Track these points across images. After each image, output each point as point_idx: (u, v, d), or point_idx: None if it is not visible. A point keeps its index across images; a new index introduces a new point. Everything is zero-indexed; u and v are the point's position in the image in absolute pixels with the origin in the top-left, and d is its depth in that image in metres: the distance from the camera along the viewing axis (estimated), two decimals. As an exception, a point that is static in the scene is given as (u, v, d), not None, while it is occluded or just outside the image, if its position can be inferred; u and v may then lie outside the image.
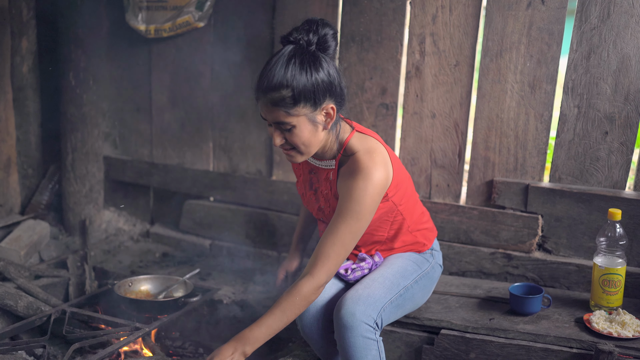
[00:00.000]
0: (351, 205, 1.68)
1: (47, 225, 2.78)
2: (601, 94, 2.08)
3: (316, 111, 1.66)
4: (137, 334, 1.96)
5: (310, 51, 1.64)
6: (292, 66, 1.61)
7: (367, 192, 1.68)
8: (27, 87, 2.82)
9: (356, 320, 1.68)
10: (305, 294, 1.66)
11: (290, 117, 1.64)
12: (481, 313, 1.98)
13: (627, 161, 2.10)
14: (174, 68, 2.79)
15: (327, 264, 1.68)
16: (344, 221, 1.68)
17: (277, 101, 1.63)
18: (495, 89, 2.20)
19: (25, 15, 2.75)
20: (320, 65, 1.64)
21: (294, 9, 2.48)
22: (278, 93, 1.62)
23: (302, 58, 1.62)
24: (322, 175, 1.85)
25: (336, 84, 1.68)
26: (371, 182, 1.68)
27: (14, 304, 2.11)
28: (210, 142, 2.78)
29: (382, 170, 1.70)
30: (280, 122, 1.66)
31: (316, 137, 1.70)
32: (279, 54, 1.64)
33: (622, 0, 1.99)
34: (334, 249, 1.68)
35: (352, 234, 1.69)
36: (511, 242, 2.23)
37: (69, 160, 2.83)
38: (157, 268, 2.58)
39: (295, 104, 1.63)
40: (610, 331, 1.79)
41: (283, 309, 1.66)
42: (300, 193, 2.00)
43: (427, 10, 2.24)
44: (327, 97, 1.67)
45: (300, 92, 1.61)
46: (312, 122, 1.67)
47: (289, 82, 1.61)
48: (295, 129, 1.66)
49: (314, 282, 1.67)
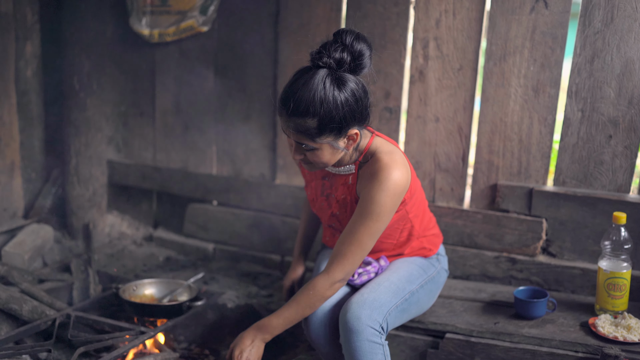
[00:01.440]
0: (371, 206, 1.68)
1: (50, 229, 2.78)
2: (605, 97, 2.08)
3: (340, 139, 1.65)
4: (142, 337, 1.96)
5: (340, 75, 1.58)
6: (321, 93, 1.55)
7: (388, 192, 1.67)
8: (31, 91, 2.83)
9: (362, 324, 1.68)
10: (319, 289, 1.71)
11: (313, 143, 1.63)
12: (486, 317, 1.97)
13: (631, 165, 2.10)
14: (178, 72, 2.79)
15: (343, 262, 1.71)
16: (363, 221, 1.69)
17: (301, 128, 1.60)
18: (498, 92, 2.21)
19: (29, 20, 2.76)
20: (348, 91, 1.58)
21: (298, 12, 2.48)
22: (303, 121, 1.58)
23: (332, 85, 1.56)
24: (338, 181, 1.84)
25: (362, 107, 1.63)
26: (392, 182, 1.67)
27: (18, 308, 2.11)
28: (214, 146, 2.79)
29: (402, 171, 1.70)
30: (302, 143, 1.65)
31: (335, 157, 1.70)
32: (309, 76, 1.57)
33: (626, 5, 2.00)
34: (350, 249, 1.70)
35: (369, 235, 1.70)
36: (515, 245, 2.23)
37: (72, 164, 2.83)
38: (161, 272, 2.58)
39: (320, 134, 1.60)
40: (616, 335, 1.79)
41: (299, 302, 1.73)
42: (310, 199, 1.99)
43: (430, 15, 2.25)
44: (352, 124, 1.63)
45: (326, 124, 1.58)
46: (334, 147, 1.66)
47: (316, 112, 1.56)
48: (317, 151, 1.65)
49: (329, 279, 1.71)
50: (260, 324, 1.74)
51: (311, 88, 1.56)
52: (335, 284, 1.73)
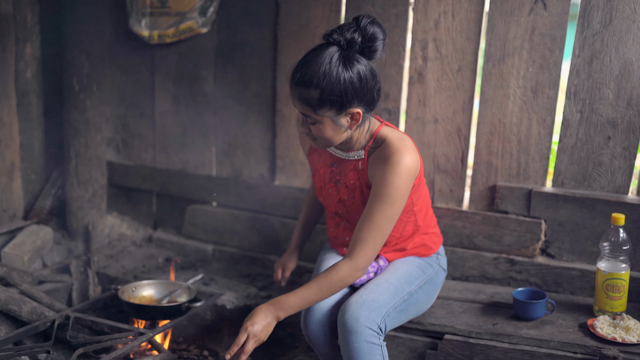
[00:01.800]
0: (385, 190, 1.70)
1: (50, 231, 2.78)
2: (603, 99, 2.08)
3: (341, 115, 1.69)
4: (141, 339, 1.97)
5: (349, 54, 1.64)
6: (326, 68, 1.62)
7: (400, 175, 1.70)
8: (30, 93, 2.83)
9: (360, 325, 1.69)
10: (343, 275, 1.72)
11: (314, 114, 1.69)
12: (485, 318, 1.98)
13: (630, 166, 2.10)
14: (177, 73, 2.79)
15: (365, 248, 1.72)
16: (379, 206, 1.71)
17: (304, 98, 1.67)
18: (497, 94, 2.21)
19: (29, 21, 2.76)
20: (352, 69, 1.63)
21: (297, 14, 2.49)
22: (306, 91, 1.65)
23: (339, 61, 1.63)
24: (348, 167, 1.86)
25: (368, 89, 1.67)
26: (404, 165, 1.70)
27: (17, 309, 2.11)
28: (213, 147, 2.79)
29: (413, 155, 1.73)
30: (306, 114, 1.71)
31: (339, 135, 1.74)
32: (318, 50, 1.65)
33: (624, 6, 2.00)
34: (370, 234, 1.71)
35: (387, 219, 1.72)
36: (514, 247, 2.23)
37: (72, 166, 2.84)
38: (160, 273, 2.58)
39: (320, 106, 1.66)
40: (614, 336, 1.79)
41: (320, 285, 1.72)
42: (317, 187, 1.99)
43: (429, 16, 2.25)
44: (354, 103, 1.68)
45: (327, 97, 1.64)
46: (335, 124, 1.71)
47: (318, 84, 1.63)
48: (319, 124, 1.71)
49: (353, 265, 1.71)
50: (277, 300, 1.73)
51: (317, 61, 1.63)
52: (359, 271, 1.73)
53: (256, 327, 1.69)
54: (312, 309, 1.83)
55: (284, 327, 2.26)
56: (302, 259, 2.58)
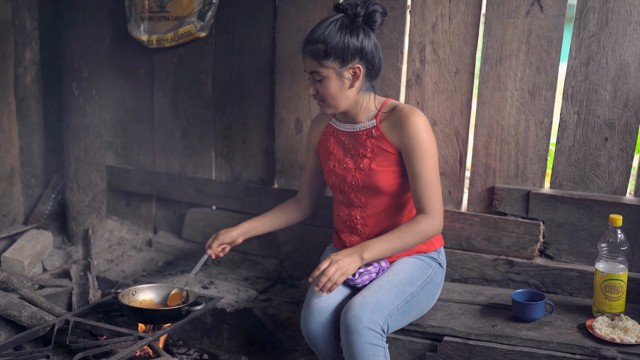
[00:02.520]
0: (419, 146, 1.88)
1: (50, 235, 2.79)
2: (600, 100, 2.09)
3: (343, 68, 1.87)
4: (141, 342, 1.97)
5: (354, 21, 1.87)
6: (332, 27, 1.86)
7: (425, 130, 1.89)
8: (30, 98, 2.84)
9: (363, 326, 1.70)
10: (423, 227, 1.87)
11: (320, 67, 1.87)
12: (484, 320, 1.98)
13: (627, 167, 2.11)
14: (176, 78, 2.80)
15: (432, 202, 1.88)
16: (422, 162, 1.88)
17: (312, 52, 1.87)
18: (495, 96, 2.22)
19: (28, 27, 2.78)
20: (356, 33, 1.86)
21: (295, 17, 2.50)
22: (314, 46, 1.86)
23: (342, 23, 1.86)
24: (361, 137, 1.98)
25: (368, 50, 1.88)
26: (424, 121, 1.89)
27: (17, 314, 2.12)
28: (212, 151, 2.80)
29: (423, 115, 1.92)
30: (313, 71, 1.89)
31: (343, 92, 1.90)
32: (328, 17, 1.89)
33: (620, 8, 2.01)
34: (430, 189, 1.88)
35: (434, 170, 1.90)
36: (513, 248, 2.24)
37: (71, 170, 2.84)
38: (160, 277, 2.59)
39: (326, 57, 1.85)
40: (613, 337, 1.80)
41: (401, 234, 1.86)
42: (328, 168, 2.05)
43: (426, 19, 2.26)
44: (356, 59, 1.87)
45: (332, 48, 1.84)
46: (339, 77, 1.88)
47: (324, 39, 1.85)
48: (325, 80, 1.88)
49: (429, 219, 1.87)
50: (364, 243, 1.86)
51: (326, 23, 1.88)
52: (436, 222, 1.88)
53: (339, 257, 1.81)
54: (312, 309, 1.84)
55: (283, 330, 2.26)
56: (302, 260, 2.59)
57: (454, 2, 2.21)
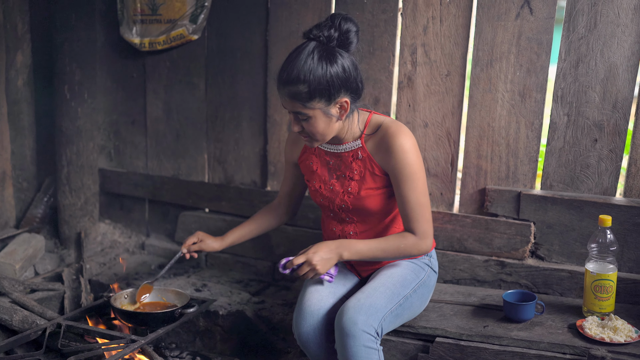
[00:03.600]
0: (405, 170, 1.81)
1: (42, 239, 2.78)
2: (590, 102, 2.11)
3: (330, 105, 1.76)
4: (133, 346, 1.97)
5: (329, 47, 1.74)
6: (311, 62, 1.71)
7: (411, 151, 1.81)
8: (22, 101, 2.83)
9: (358, 329, 1.70)
10: (409, 244, 1.84)
11: (306, 109, 1.75)
12: (475, 320, 1.99)
13: (616, 168, 2.13)
14: (169, 80, 2.81)
15: (420, 224, 1.84)
16: (410, 187, 1.82)
17: (293, 94, 1.74)
18: (486, 98, 2.23)
19: (20, 30, 2.77)
20: (336, 61, 1.73)
21: (287, 20, 2.51)
22: (295, 87, 1.73)
23: (321, 54, 1.72)
24: (347, 159, 1.91)
25: (352, 79, 1.77)
26: (410, 142, 1.81)
27: (9, 318, 2.11)
28: (205, 154, 2.80)
29: (410, 132, 1.84)
30: (297, 112, 1.77)
31: (331, 127, 1.81)
32: (300, 48, 1.74)
33: (609, 11, 2.03)
34: (416, 211, 1.83)
35: (422, 193, 1.83)
36: (504, 249, 2.25)
37: (64, 173, 2.84)
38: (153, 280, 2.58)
39: (310, 98, 1.73)
40: (602, 337, 1.81)
41: (386, 245, 1.84)
42: (314, 188, 1.99)
43: (418, 22, 2.27)
44: (341, 92, 1.76)
45: (315, 88, 1.72)
46: (327, 115, 1.77)
47: (305, 78, 1.71)
48: (311, 119, 1.77)
49: (417, 240, 1.84)
50: (346, 241, 1.84)
51: (301, 57, 1.72)
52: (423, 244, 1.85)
53: (316, 257, 1.79)
54: (304, 312, 1.84)
55: (276, 332, 2.26)
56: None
57: (445, 5, 2.23)
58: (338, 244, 1.83)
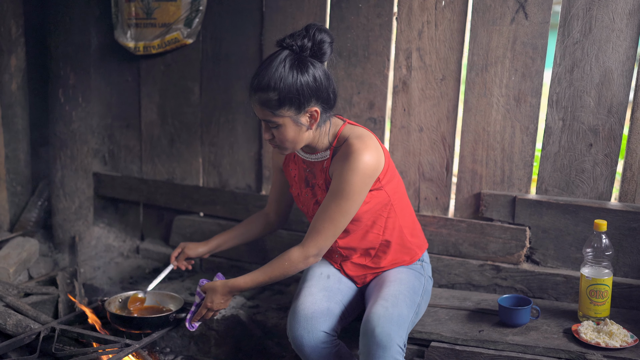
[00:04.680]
0: (340, 185, 1.78)
1: (36, 242, 2.77)
2: (585, 106, 2.11)
3: (300, 114, 1.77)
4: (127, 350, 1.96)
5: (301, 57, 1.74)
6: (282, 70, 1.71)
7: (357, 172, 1.76)
8: (16, 105, 2.82)
9: (392, 342, 1.70)
10: (294, 260, 1.84)
11: (275, 117, 1.76)
12: (471, 325, 1.99)
13: (611, 172, 2.13)
14: (163, 84, 2.80)
15: (317, 238, 1.82)
16: (334, 200, 1.79)
17: (263, 101, 1.75)
18: (481, 102, 2.23)
19: (14, 33, 2.76)
20: (307, 70, 1.73)
21: (281, 24, 2.50)
22: (265, 94, 1.73)
23: (292, 63, 1.72)
24: (317, 169, 1.92)
25: (323, 88, 1.77)
26: (361, 163, 1.76)
27: (2, 322, 2.10)
28: (200, 158, 2.79)
29: (372, 153, 1.78)
30: (267, 120, 1.78)
31: (300, 136, 1.81)
32: (272, 57, 1.75)
33: (603, 16, 2.04)
34: (324, 225, 1.81)
35: (341, 213, 1.79)
36: (500, 254, 2.25)
37: (58, 177, 2.83)
38: (148, 284, 2.56)
39: (280, 106, 1.74)
40: (598, 341, 1.81)
41: (272, 268, 1.87)
42: (294, 194, 2.03)
43: (413, 26, 2.28)
44: (312, 101, 1.76)
45: (285, 96, 1.72)
46: (296, 123, 1.78)
47: (275, 85, 1.72)
48: (281, 127, 1.77)
49: (303, 252, 1.83)
50: (231, 282, 1.93)
51: (273, 65, 1.73)
52: (309, 258, 1.84)
53: (215, 305, 1.96)
54: (298, 315, 1.83)
55: (271, 337, 2.25)
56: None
57: (440, 9, 2.23)
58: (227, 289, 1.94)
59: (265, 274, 1.88)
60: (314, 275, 1.99)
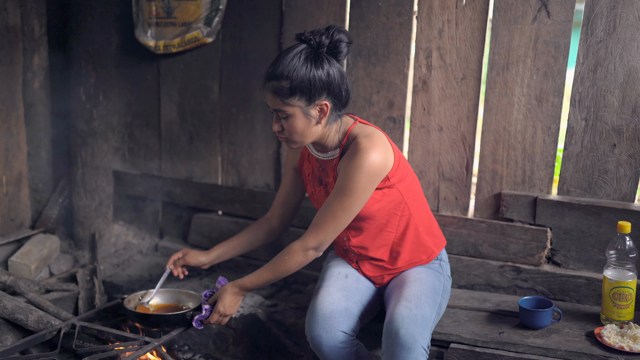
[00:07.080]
0: (345, 181, 1.79)
1: (57, 239, 2.80)
2: (608, 106, 2.08)
3: (310, 106, 1.78)
4: (147, 348, 1.97)
5: (318, 52, 1.77)
6: (297, 61, 1.75)
7: (362, 170, 1.77)
8: (38, 103, 2.85)
9: (417, 344, 1.69)
10: (294, 254, 1.86)
11: (285, 106, 1.78)
12: (491, 327, 1.97)
13: (635, 173, 2.09)
14: (183, 83, 2.81)
15: (317, 231, 1.84)
16: (337, 196, 1.80)
17: (276, 89, 1.78)
18: (502, 102, 2.21)
19: (37, 33, 2.79)
20: (321, 65, 1.76)
21: (301, 23, 2.50)
22: (278, 82, 1.77)
23: (308, 56, 1.76)
24: (329, 167, 1.93)
25: (335, 84, 1.78)
26: (367, 161, 1.77)
27: (24, 318, 2.12)
28: (219, 156, 2.80)
29: (379, 152, 1.79)
30: (277, 109, 1.80)
31: (309, 129, 1.82)
32: (290, 49, 1.78)
33: (628, 14, 2.00)
34: (325, 220, 1.82)
35: (343, 209, 1.80)
36: (520, 255, 2.23)
37: (78, 175, 2.85)
38: (166, 282, 2.58)
39: (290, 95, 1.76)
40: (622, 345, 1.78)
41: (274, 264, 1.90)
42: (309, 193, 2.05)
43: (433, 25, 2.26)
44: (323, 95, 1.78)
45: (297, 86, 1.75)
46: (306, 115, 1.79)
47: (289, 74, 1.75)
48: (290, 118, 1.79)
49: (302, 245, 1.85)
50: (239, 283, 1.95)
51: (289, 56, 1.77)
52: (309, 251, 1.85)
53: (227, 310, 1.97)
54: (316, 315, 1.83)
55: (289, 336, 2.25)
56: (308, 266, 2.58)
57: (461, 8, 2.21)
58: (236, 289, 1.96)
59: (269, 270, 1.91)
60: (332, 275, 1.99)
